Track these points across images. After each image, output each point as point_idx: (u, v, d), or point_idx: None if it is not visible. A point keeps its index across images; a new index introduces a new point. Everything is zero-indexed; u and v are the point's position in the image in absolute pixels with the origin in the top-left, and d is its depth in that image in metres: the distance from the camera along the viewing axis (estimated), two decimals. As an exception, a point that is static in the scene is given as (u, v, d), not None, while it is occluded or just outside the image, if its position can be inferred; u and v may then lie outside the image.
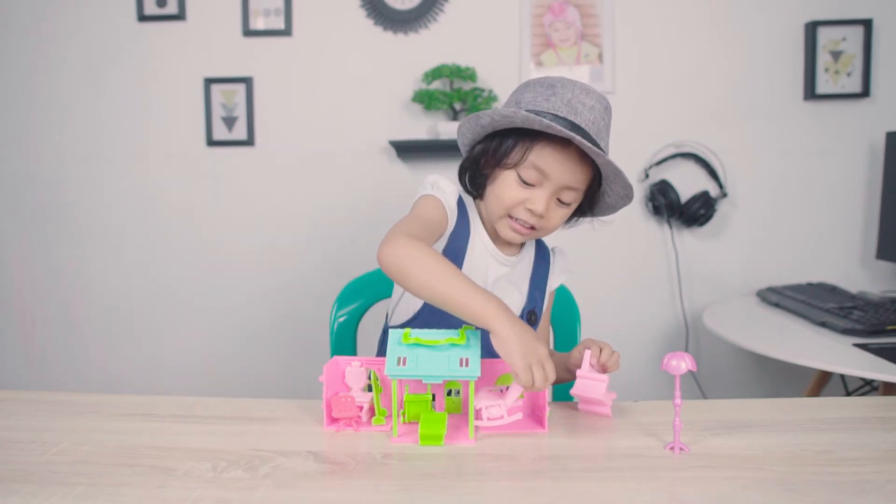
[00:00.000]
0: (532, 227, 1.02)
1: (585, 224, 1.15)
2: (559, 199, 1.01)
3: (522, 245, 1.14)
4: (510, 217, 1.02)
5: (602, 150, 0.96)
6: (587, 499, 0.69)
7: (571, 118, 0.95)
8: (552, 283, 1.16)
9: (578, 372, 0.93)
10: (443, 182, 1.07)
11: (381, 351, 1.14)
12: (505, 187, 1.01)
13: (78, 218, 2.27)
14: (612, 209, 1.07)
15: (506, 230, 1.04)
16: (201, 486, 0.72)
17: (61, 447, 0.83)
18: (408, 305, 1.11)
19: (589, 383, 0.92)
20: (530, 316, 1.11)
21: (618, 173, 0.95)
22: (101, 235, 2.28)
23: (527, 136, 0.98)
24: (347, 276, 1.42)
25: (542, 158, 0.97)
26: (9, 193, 2.29)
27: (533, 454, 0.81)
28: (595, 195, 1.05)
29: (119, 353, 2.31)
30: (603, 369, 0.96)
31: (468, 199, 1.12)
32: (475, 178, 1.07)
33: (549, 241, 1.20)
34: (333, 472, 0.76)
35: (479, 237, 1.09)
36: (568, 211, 1.04)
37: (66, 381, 2.32)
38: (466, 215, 1.10)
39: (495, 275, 1.09)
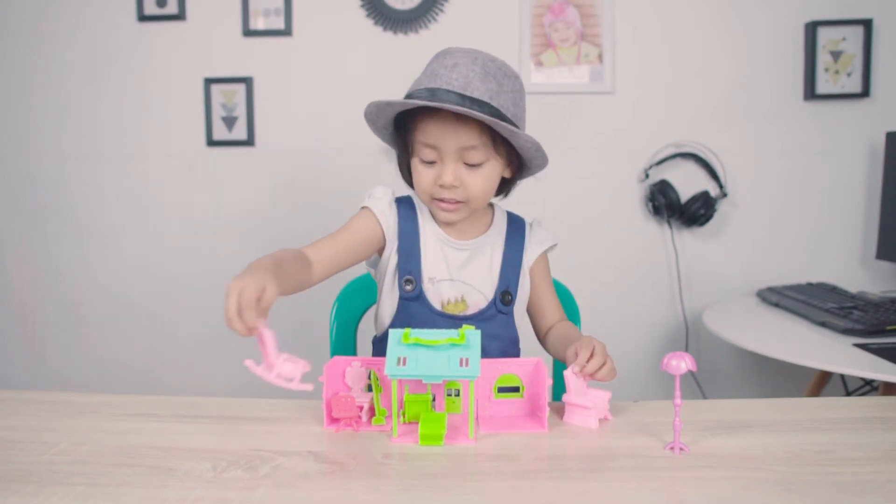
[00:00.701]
0: (459, 201, 1.03)
1: (584, 224, 1.16)
2: (467, 164, 1.00)
3: (490, 226, 1.14)
4: (435, 199, 1.04)
5: (479, 99, 0.95)
6: (587, 499, 0.69)
7: (429, 85, 0.97)
8: (529, 256, 1.15)
9: (564, 397, 0.92)
10: (378, 190, 1.12)
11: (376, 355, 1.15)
12: (416, 174, 1.05)
13: (78, 218, 2.27)
14: (533, 154, 1.03)
15: (439, 213, 1.07)
16: (201, 486, 0.72)
17: (61, 447, 0.83)
18: (382, 314, 1.15)
19: (576, 412, 0.91)
20: (504, 297, 1.10)
21: (482, 117, 0.93)
22: (101, 235, 2.27)
23: (406, 121, 1.03)
24: (347, 276, 1.41)
25: (424, 134, 1.00)
26: (9, 193, 2.29)
27: (533, 454, 0.81)
28: (507, 147, 1.03)
29: (119, 353, 2.31)
30: (595, 378, 0.92)
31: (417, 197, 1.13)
32: (405, 176, 1.11)
33: (529, 215, 1.21)
34: (333, 472, 0.76)
35: (429, 230, 1.11)
36: (487, 171, 1.02)
37: (67, 380, 2.32)
38: (415, 213, 1.12)
39: (456, 261, 1.10)
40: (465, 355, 0.86)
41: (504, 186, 1.12)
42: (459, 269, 1.10)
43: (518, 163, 1.07)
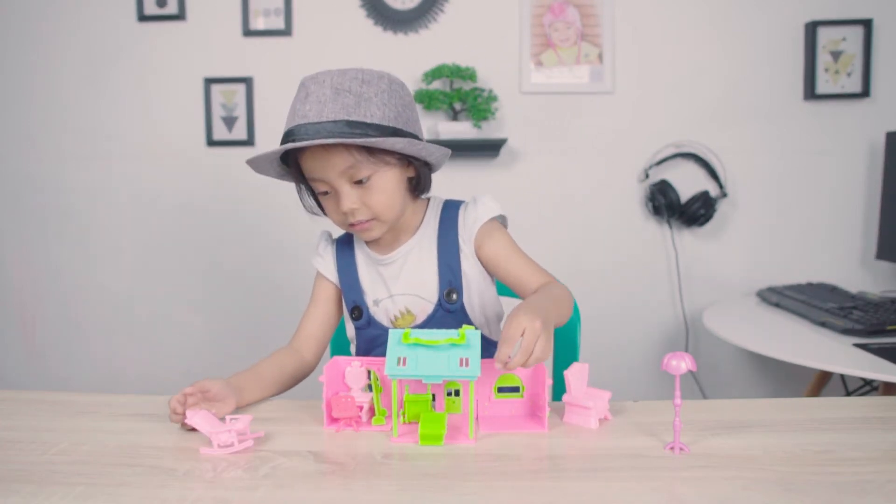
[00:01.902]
0: (370, 219, 1.01)
1: (584, 224, 1.15)
2: (357, 182, 0.98)
3: (418, 227, 1.10)
4: (349, 225, 1.03)
5: (335, 120, 0.93)
6: (587, 499, 0.69)
7: (290, 125, 0.97)
8: (467, 238, 1.08)
9: (565, 397, 0.92)
10: (318, 243, 1.16)
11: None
12: (325, 209, 1.05)
13: (78, 218, 2.27)
14: (417, 151, 0.99)
15: (360, 236, 1.07)
16: (201, 486, 0.72)
17: (61, 447, 0.83)
18: (350, 342, 1.17)
19: (576, 412, 0.91)
20: (449, 295, 1.07)
21: (336, 137, 0.92)
22: (101, 235, 2.27)
23: (286, 163, 1.03)
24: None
25: (307, 171, 1.00)
26: (9, 193, 2.29)
27: (533, 454, 0.81)
28: (387, 153, 0.99)
29: (119, 353, 2.31)
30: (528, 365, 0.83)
31: None
32: (313, 208, 1.11)
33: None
34: (333, 472, 0.76)
35: (362, 255, 1.12)
36: (382, 183, 0.99)
37: (67, 380, 2.32)
38: (351, 245, 1.13)
39: (390, 276, 1.09)
40: (465, 355, 0.86)
41: (417, 184, 1.06)
42: (395, 283, 1.09)
43: (418, 160, 1.03)
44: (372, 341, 1.11)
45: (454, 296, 1.07)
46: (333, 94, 0.95)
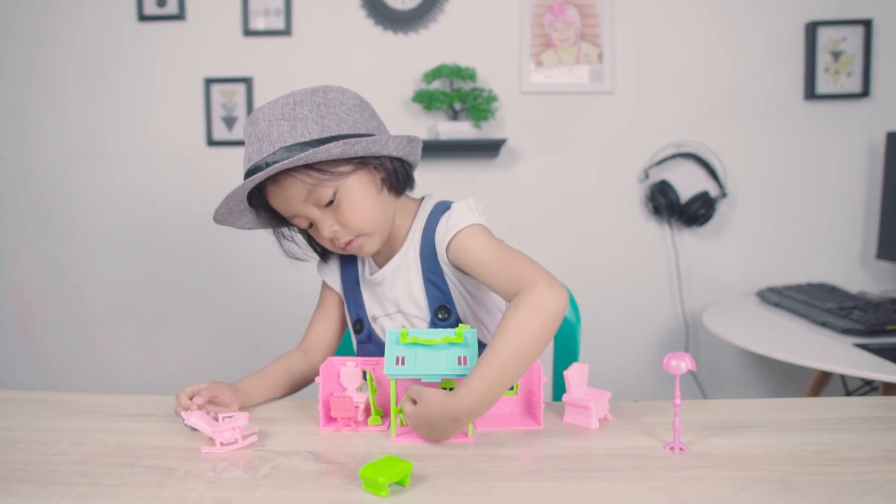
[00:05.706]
0: (356, 237, 0.98)
1: (584, 224, 1.14)
2: (325, 206, 0.95)
3: (405, 238, 1.04)
4: (342, 248, 0.99)
5: (273, 151, 0.91)
6: (587, 499, 0.69)
7: (244, 170, 0.95)
8: (441, 255, 1.00)
9: (565, 397, 0.92)
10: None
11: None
12: (316, 240, 1.04)
13: (78, 218, 2.27)
14: (369, 151, 0.95)
15: (358, 254, 1.02)
16: (201, 486, 0.72)
17: (61, 447, 0.83)
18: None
19: (576, 412, 0.91)
20: (438, 313, 1.02)
21: (306, 156, 0.88)
22: (101, 235, 2.27)
23: (252, 203, 1.00)
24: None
25: (279, 211, 0.98)
26: (10, 193, 2.29)
27: (532, 454, 0.81)
28: (347, 160, 0.95)
29: (119, 353, 2.31)
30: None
31: None
32: (313, 243, 1.10)
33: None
34: (333, 472, 0.76)
35: (360, 266, 1.10)
36: (348, 199, 0.95)
37: (67, 380, 2.32)
38: (355, 256, 1.10)
39: (383, 294, 1.05)
40: (463, 353, 0.86)
41: (391, 184, 1.00)
42: (388, 302, 1.05)
43: (380, 160, 0.98)
44: (367, 349, 1.09)
45: (444, 314, 1.02)
46: (268, 127, 0.92)
